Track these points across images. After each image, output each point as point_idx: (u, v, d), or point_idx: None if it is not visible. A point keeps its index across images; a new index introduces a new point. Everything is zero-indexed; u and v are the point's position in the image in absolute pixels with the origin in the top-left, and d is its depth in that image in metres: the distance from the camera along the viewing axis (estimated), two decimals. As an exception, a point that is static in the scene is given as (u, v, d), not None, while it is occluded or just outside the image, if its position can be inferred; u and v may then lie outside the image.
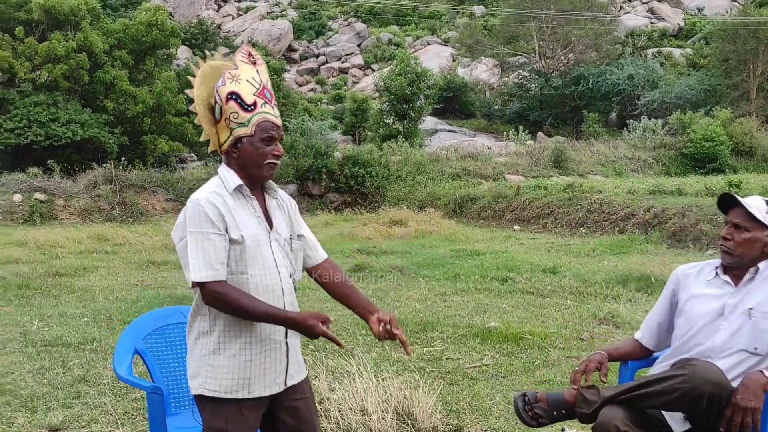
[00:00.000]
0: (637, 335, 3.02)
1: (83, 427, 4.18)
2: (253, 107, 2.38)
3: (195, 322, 2.39)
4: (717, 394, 2.41)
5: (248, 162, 2.39)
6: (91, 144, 24.49)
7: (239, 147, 2.39)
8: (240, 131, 2.38)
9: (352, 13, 62.90)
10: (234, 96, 2.37)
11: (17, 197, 19.07)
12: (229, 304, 2.26)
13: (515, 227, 16.47)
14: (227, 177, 2.39)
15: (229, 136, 2.39)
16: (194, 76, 2.49)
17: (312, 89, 51.07)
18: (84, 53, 24.82)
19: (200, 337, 2.36)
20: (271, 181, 2.51)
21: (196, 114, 2.46)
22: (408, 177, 22.08)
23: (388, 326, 2.42)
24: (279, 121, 2.45)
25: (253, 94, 2.39)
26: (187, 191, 20.50)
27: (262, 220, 2.44)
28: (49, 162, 21.05)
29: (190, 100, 2.48)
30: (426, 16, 62.42)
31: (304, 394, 2.54)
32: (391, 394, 4.14)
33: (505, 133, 34.11)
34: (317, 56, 56.58)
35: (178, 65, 35.32)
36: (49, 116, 23.80)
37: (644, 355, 2.99)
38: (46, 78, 24.94)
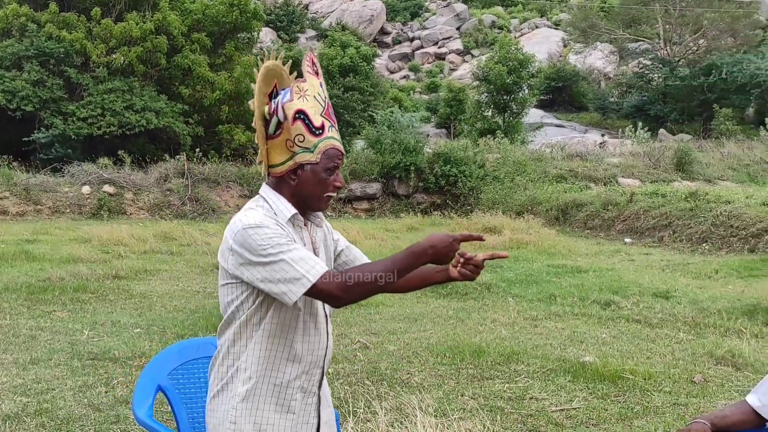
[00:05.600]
0: (752, 400, 2.71)
1: (116, 458, 4.20)
2: (321, 131, 2.25)
3: (223, 366, 2.30)
4: None
5: (307, 192, 2.28)
6: (164, 134, 25.19)
7: (299, 174, 2.27)
8: (304, 157, 2.25)
9: (452, -7, 62.67)
10: (302, 115, 2.24)
11: (86, 189, 19.84)
12: (363, 282, 2.13)
13: (626, 240, 15.92)
14: (278, 205, 2.27)
15: (288, 160, 2.27)
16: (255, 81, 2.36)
17: (404, 77, 51.23)
18: (162, 35, 25.57)
19: (227, 385, 2.28)
20: None
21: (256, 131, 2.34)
22: (506, 178, 21.69)
23: (465, 262, 2.33)
24: (342, 148, 2.33)
25: (321, 115, 2.27)
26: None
27: None
28: (119, 152, 21.79)
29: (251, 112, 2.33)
30: (535, -4, 61.60)
31: None
32: (457, 442, 3.98)
33: (621, 129, 33.24)
34: (411, 40, 56.73)
35: (261, 49, 36.04)
36: (123, 104, 24.61)
37: (759, 425, 2.69)
38: (121, 62, 25.79)
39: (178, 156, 22.22)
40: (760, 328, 7.50)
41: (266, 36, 46.54)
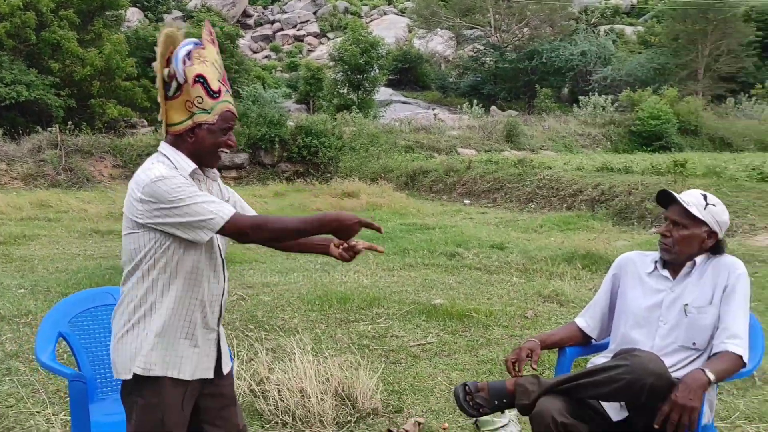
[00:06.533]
0: (579, 321, 2.96)
1: (11, 406, 4.01)
2: (218, 95, 2.26)
3: (129, 308, 2.25)
4: (658, 386, 2.38)
5: (203, 149, 2.27)
6: (36, 106, 23.60)
7: (197, 133, 2.26)
8: (202, 117, 2.25)
9: (308, -20, 61.71)
10: (201, 79, 2.23)
11: (-44, 160, 18.35)
12: (271, 228, 2.20)
13: (465, 201, 16.50)
14: (179, 160, 2.26)
15: (186, 120, 2.25)
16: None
17: (266, 56, 50.22)
18: (30, 11, 23.83)
19: (136, 325, 2.24)
20: None
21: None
22: (361, 148, 21.91)
23: (345, 246, 2.39)
24: (236, 111, 2.35)
25: (218, 80, 2.27)
26: (135, 157, 20.02)
27: None
28: (-10, 124, 20.27)
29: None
30: (383, -14, 61.70)
31: (230, 380, 2.51)
32: (331, 375, 4.06)
33: (459, 105, 34.08)
34: (272, 23, 55.61)
35: (129, 27, 34.31)
36: (-8, 77, 22.81)
37: (584, 342, 2.94)
38: (-11, 37, 23.84)
39: (50, 128, 20.89)
40: (577, 272, 8.03)
41: (133, 15, 44.22)
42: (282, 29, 54.40)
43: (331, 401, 3.86)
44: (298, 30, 54.18)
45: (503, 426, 3.76)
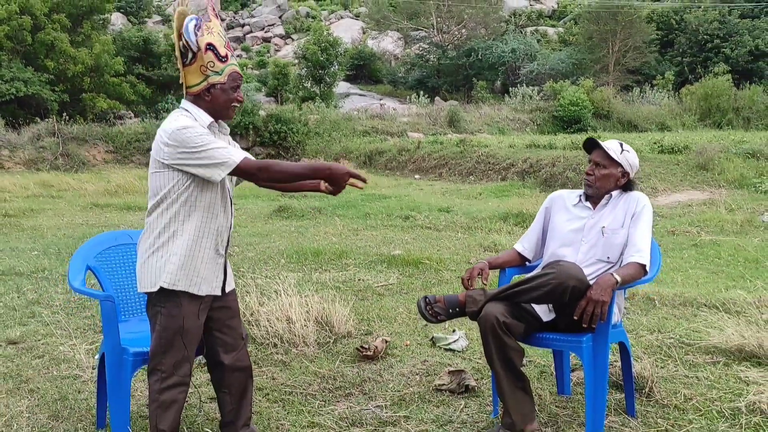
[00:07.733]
0: (518, 246, 3.14)
1: (39, 340, 4.08)
2: (225, 59, 2.39)
3: (154, 233, 2.36)
4: (578, 288, 2.59)
5: (219, 105, 2.40)
6: (33, 100, 22.90)
7: (212, 92, 2.39)
8: (215, 79, 2.38)
9: (273, -12, 60.55)
10: (212, 47, 2.36)
11: (-37, 148, 17.79)
12: (275, 167, 2.31)
13: (416, 176, 16.70)
14: (199, 114, 2.38)
15: (202, 81, 2.38)
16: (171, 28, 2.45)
17: (238, 55, 49.34)
18: (26, 15, 23.06)
19: (160, 249, 2.35)
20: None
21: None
22: (325, 133, 21.87)
23: (332, 185, 2.38)
24: (241, 72, 2.48)
25: (224, 47, 2.40)
26: (125, 144, 19.69)
27: None
28: (-7, 116, 19.65)
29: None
30: (339, -7, 60.93)
31: (234, 296, 2.63)
32: (312, 307, 4.21)
33: (407, 97, 34.13)
34: (243, 26, 54.60)
35: (113, 30, 33.37)
36: (-8, 74, 22.04)
37: (521, 264, 3.14)
38: (-12, 39, 22.97)
39: (47, 119, 20.38)
40: (511, 228, 8.31)
41: (118, 20, 42.93)
42: (251, 32, 53.46)
43: (313, 326, 4.03)
44: (266, 32, 53.31)
45: (455, 341, 3.98)
